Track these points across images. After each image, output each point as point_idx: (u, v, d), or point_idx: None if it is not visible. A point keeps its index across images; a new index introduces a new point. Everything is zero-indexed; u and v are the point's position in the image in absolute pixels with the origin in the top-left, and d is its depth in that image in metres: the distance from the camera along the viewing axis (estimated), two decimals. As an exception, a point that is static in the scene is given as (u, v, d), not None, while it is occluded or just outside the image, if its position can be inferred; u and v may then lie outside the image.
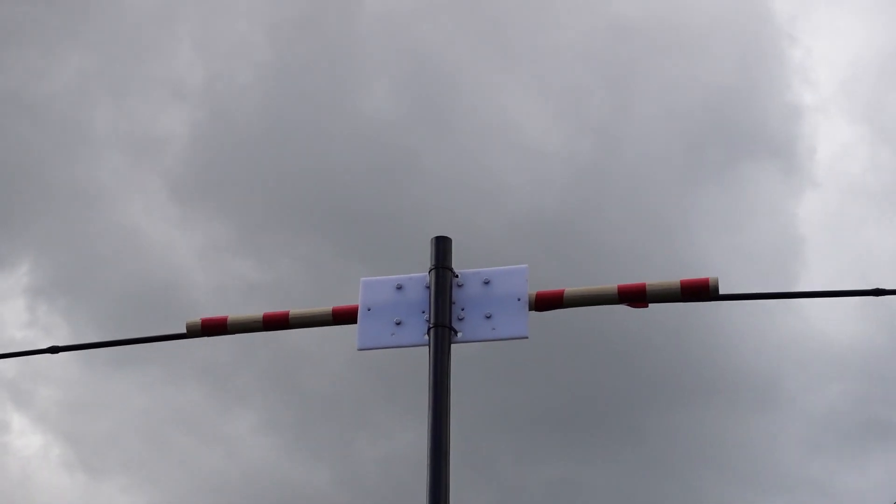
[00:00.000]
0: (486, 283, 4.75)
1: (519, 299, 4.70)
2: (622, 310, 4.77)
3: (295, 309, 4.97)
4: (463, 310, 4.69)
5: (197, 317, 5.04)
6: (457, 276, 4.76)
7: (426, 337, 4.61)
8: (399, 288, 4.80)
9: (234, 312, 5.04)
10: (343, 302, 4.93)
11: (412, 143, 20.61)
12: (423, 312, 4.69)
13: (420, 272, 4.81)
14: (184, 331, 5.05)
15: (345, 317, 4.87)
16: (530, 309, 4.70)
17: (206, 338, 5.06)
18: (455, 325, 4.64)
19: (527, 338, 4.62)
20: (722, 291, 4.66)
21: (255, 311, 5.02)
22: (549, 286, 4.79)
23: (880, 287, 4.57)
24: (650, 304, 4.71)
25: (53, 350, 5.15)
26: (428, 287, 4.73)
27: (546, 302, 4.74)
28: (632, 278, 4.75)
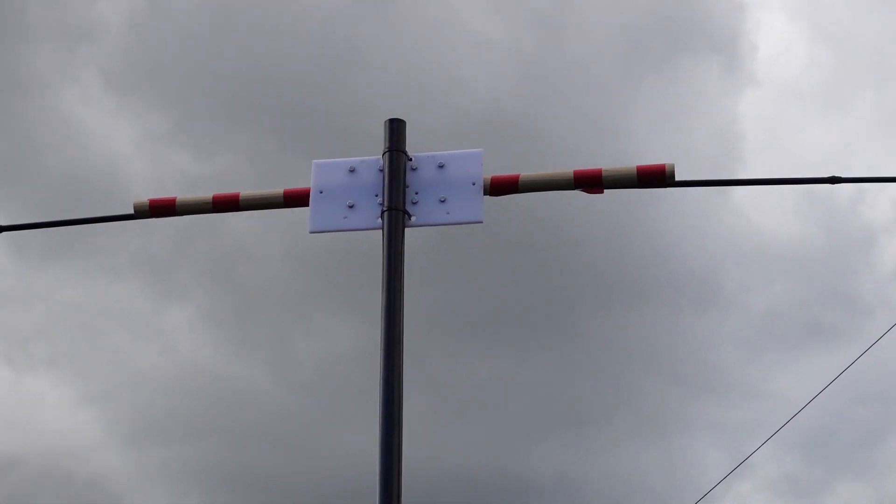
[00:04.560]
0: (441, 166, 4.67)
1: (474, 183, 4.63)
2: (571, 203, 4.71)
3: (245, 191, 4.88)
4: (417, 193, 4.61)
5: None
6: (411, 160, 4.68)
7: (379, 220, 4.54)
8: (352, 171, 4.71)
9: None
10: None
11: (357, 36, 20.38)
12: (377, 196, 4.61)
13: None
14: (131, 212, 4.94)
15: (296, 200, 4.78)
16: (485, 194, 4.64)
17: (145, 227, 4.95)
18: (409, 208, 4.57)
19: (481, 222, 4.57)
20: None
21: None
22: (502, 173, 4.72)
23: (836, 175, 4.54)
24: (605, 191, 4.65)
25: (-1, 229, 5.02)
26: (381, 170, 4.65)
27: (501, 186, 4.67)
28: (581, 167, 4.68)
